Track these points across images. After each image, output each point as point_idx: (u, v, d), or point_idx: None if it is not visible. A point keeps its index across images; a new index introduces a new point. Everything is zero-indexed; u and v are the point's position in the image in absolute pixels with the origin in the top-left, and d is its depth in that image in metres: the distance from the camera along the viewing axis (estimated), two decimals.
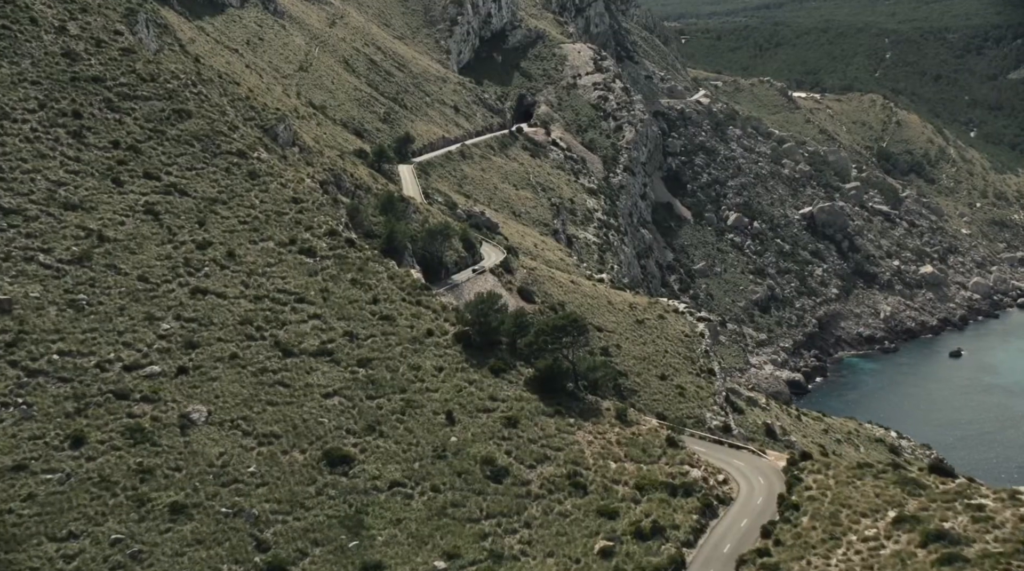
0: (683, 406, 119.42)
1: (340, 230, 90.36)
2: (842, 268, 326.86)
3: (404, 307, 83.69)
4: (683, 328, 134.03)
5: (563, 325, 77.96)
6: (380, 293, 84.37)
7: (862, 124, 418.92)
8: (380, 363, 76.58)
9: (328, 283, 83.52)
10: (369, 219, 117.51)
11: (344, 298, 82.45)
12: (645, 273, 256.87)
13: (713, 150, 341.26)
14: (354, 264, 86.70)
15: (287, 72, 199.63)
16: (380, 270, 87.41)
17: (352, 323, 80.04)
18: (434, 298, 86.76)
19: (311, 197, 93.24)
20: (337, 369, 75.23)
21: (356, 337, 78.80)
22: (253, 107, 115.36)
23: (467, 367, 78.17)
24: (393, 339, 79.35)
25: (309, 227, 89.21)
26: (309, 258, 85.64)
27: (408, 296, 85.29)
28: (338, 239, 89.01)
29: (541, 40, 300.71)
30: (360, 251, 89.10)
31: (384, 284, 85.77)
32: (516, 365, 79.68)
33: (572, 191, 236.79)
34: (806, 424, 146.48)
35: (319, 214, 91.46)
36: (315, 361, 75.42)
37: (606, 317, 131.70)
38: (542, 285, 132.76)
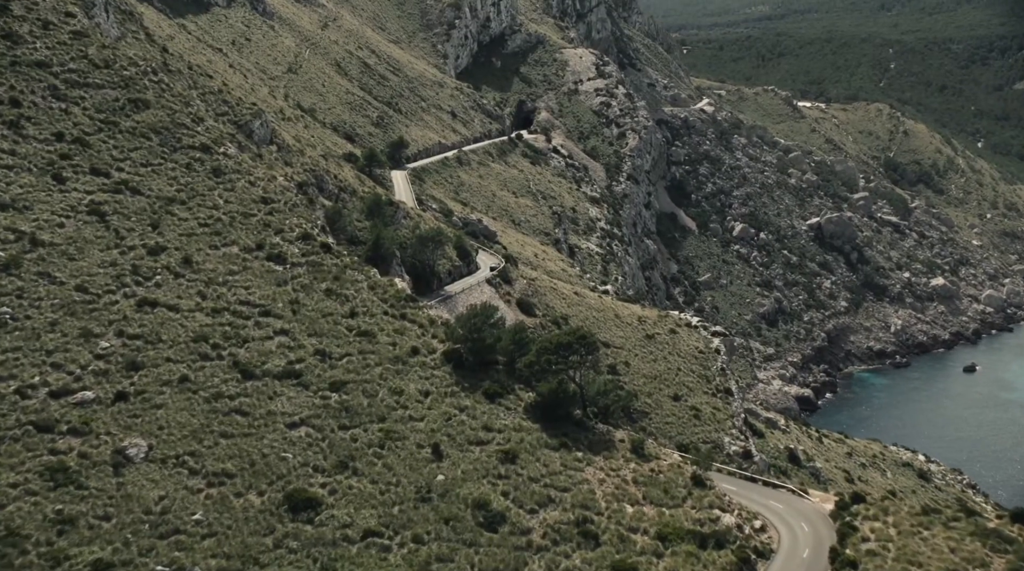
0: (698, 430, 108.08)
1: (315, 234, 79.09)
2: (851, 280, 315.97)
3: (386, 321, 72.38)
4: (697, 344, 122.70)
5: (569, 342, 66.53)
6: (359, 305, 73.09)
7: (868, 134, 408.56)
8: (356, 387, 65.19)
9: (299, 294, 72.26)
10: (353, 224, 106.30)
11: (317, 311, 71.15)
12: (650, 285, 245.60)
13: (718, 159, 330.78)
14: (330, 272, 75.44)
15: (275, 74, 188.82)
16: (359, 279, 76.12)
17: (325, 340, 68.72)
18: (421, 311, 75.40)
19: (283, 197, 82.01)
20: (305, 394, 63.85)
21: (329, 356, 67.44)
22: (226, 102, 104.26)
23: (457, 391, 66.83)
24: (372, 358, 68.00)
25: (280, 230, 78.00)
26: (278, 265, 74.44)
27: (391, 309, 74.00)
28: (312, 244, 77.74)
29: (541, 45, 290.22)
30: (337, 258, 77.82)
31: (364, 295, 74.49)
32: (514, 389, 68.33)
33: (574, 200, 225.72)
34: (828, 447, 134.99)
35: (292, 216, 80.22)
36: (280, 384, 64.03)
37: (613, 332, 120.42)
38: (543, 297, 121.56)
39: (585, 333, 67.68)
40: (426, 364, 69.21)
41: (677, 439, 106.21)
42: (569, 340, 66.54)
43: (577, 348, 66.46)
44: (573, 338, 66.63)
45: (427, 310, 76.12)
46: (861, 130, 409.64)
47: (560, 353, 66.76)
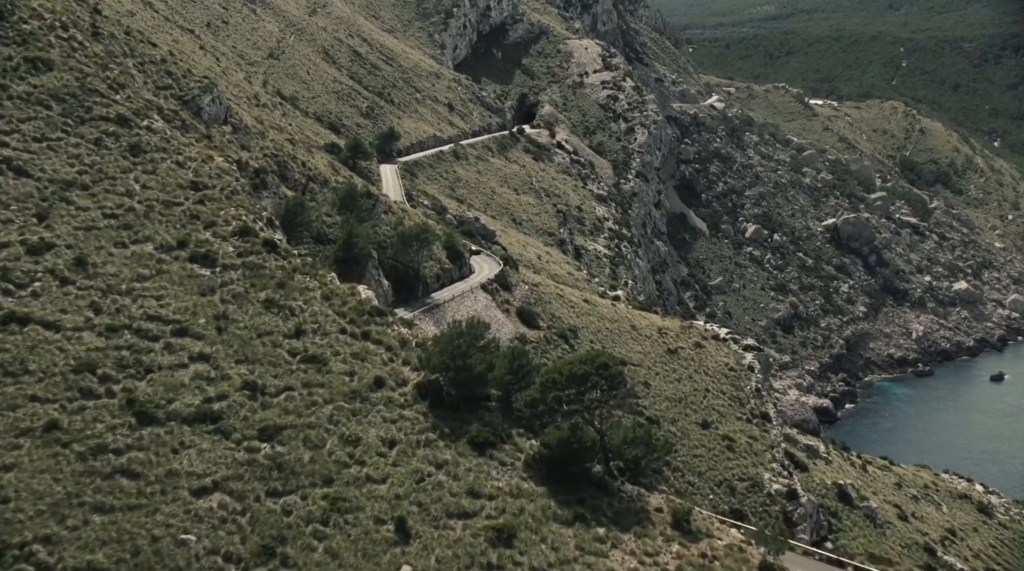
0: (733, 464, 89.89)
1: (258, 229, 60.85)
2: (869, 284, 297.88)
3: (342, 343, 54.15)
4: (726, 359, 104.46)
5: (586, 373, 48.39)
6: (307, 321, 54.86)
7: (883, 132, 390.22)
8: (295, 434, 47.03)
9: (228, 306, 54.06)
10: (322, 219, 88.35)
11: (251, 329, 52.96)
12: (660, 289, 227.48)
13: (729, 157, 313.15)
14: (272, 277, 57.18)
15: (253, 59, 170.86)
16: (311, 287, 57.83)
17: (258, 369, 50.56)
18: (390, 328, 57.06)
19: (220, 182, 63.83)
20: (224, 445, 45.68)
21: (262, 391, 49.25)
22: (170, 73, 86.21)
23: (434, 439, 48.61)
24: (320, 394, 49.82)
25: (211, 224, 59.81)
26: (204, 269, 56.22)
27: (351, 325, 55.75)
28: (253, 241, 59.47)
29: (545, 36, 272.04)
30: (285, 259, 59.56)
31: (315, 307, 56.24)
32: (511, 436, 50.10)
33: (580, 198, 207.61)
34: (874, 476, 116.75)
35: (229, 206, 62.03)
36: (190, 432, 45.87)
37: (630, 346, 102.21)
38: (548, 305, 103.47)
39: (607, 359, 49.24)
40: (393, 401, 50.97)
41: (708, 476, 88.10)
42: (586, 370, 48.25)
43: (597, 381, 48.25)
44: (591, 367, 48.29)
45: (398, 327, 57.76)
46: (875, 128, 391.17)
47: (574, 388, 48.54)
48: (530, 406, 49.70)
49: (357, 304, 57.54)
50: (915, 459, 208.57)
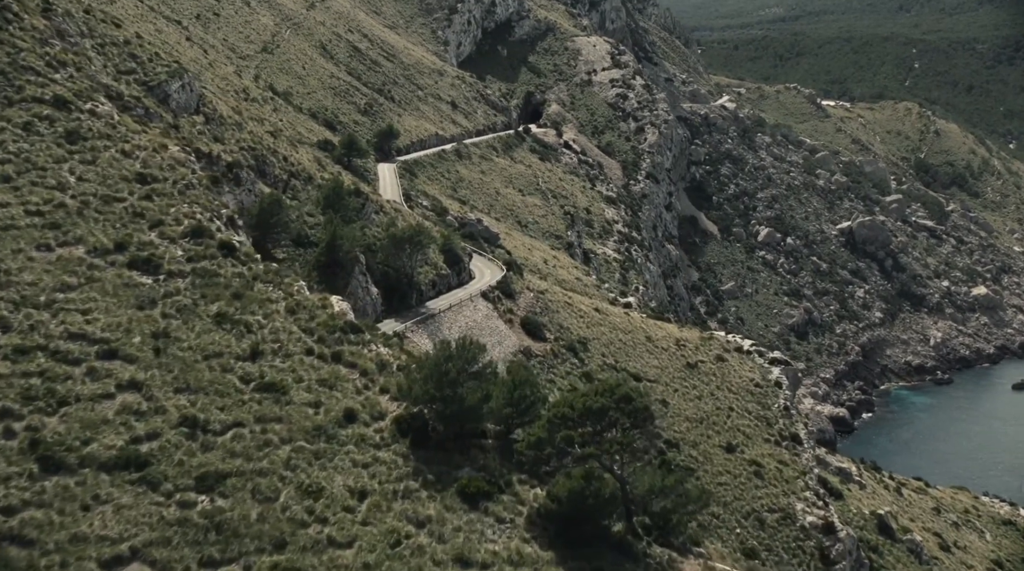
0: (762, 493, 80.00)
1: (214, 229, 51.21)
2: (886, 289, 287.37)
3: (308, 366, 44.46)
4: (751, 374, 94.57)
5: (603, 408, 38.63)
6: (267, 339, 45.19)
7: (897, 134, 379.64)
8: (242, 483, 37.41)
9: (171, 322, 44.40)
10: (304, 219, 78.85)
11: (196, 349, 43.30)
12: (672, 295, 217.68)
13: (740, 159, 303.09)
14: (228, 286, 47.53)
15: (246, 53, 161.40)
16: (274, 297, 48.17)
17: (201, 400, 40.90)
18: (367, 348, 47.32)
19: (173, 174, 54.20)
20: (150, 500, 36.03)
21: (204, 428, 39.55)
22: (134, 56, 76.81)
23: (416, 489, 38.94)
24: (276, 432, 40.15)
25: (157, 223, 50.18)
26: (145, 276, 46.56)
27: (320, 344, 46.11)
28: (206, 244, 49.80)
29: (552, 32, 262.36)
30: (244, 264, 49.90)
31: (278, 322, 46.56)
32: (512, 483, 40.46)
33: (588, 199, 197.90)
34: (909, 500, 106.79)
35: (181, 202, 52.37)
36: (108, 482, 36.25)
37: (645, 360, 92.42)
38: (555, 314, 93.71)
39: (630, 390, 39.48)
40: (366, 440, 41.23)
41: (734, 506, 78.25)
42: (604, 404, 38.53)
43: (617, 417, 38.54)
44: (610, 400, 38.58)
45: (376, 346, 47.99)
46: (889, 130, 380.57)
47: (589, 425, 38.83)
48: (535, 447, 39.86)
49: (328, 319, 47.80)
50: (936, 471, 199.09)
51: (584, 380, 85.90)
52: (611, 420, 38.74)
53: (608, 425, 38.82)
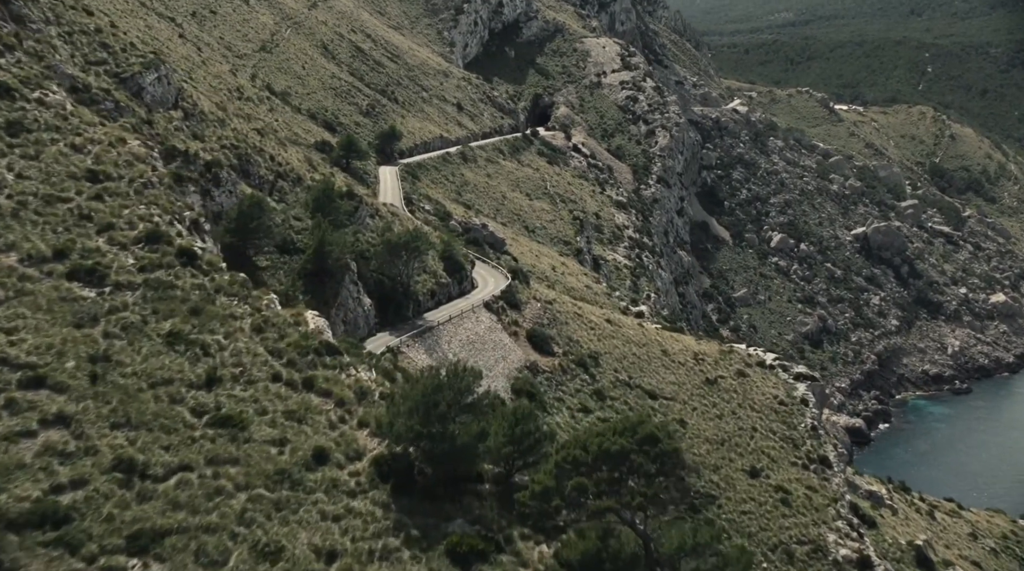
0: (790, 523, 72.85)
1: (174, 234, 44.38)
2: (902, 296, 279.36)
3: (274, 395, 37.65)
4: (775, 390, 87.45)
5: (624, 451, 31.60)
6: (227, 363, 38.38)
7: (911, 138, 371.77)
8: (184, 543, 30.53)
9: (114, 343, 37.60)
10: (289, 223, 72.05)
11: (142, 376, 36.50)
12: (684, 302, 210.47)
13: (753, 163, 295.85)
14: (185, 300, 40.73)
15: (243, 52, 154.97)
16: (239, 313, 41.35)
17: (143, 437, 34.08)
18: (345, 372, 40.42)
19: (130, 172, 47.44)
20: (66, 567, 29.25)
21: (143, 473, 32.69)
22: (106, 46, 70.16)
23: (396, 547, 32.09)
24: (231, 476, 33.33)
25: (107, 227, 43.39)
26: (88, 289, 39.81)
27: (289, 368, 39.29)
28: (163, 251, 42.99)
29: (560, 34, 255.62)
30: (206, 274, 43.06)
31: (241, 343, 39.72)
32: (513, 538, 33.56)
33: (597, 204, 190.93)
34: (943, 524, 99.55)
35: (137, 203, 45.58)
36: (17, 544, 29.43)
37: (661, 376, 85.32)
38: (564, 327, 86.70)
39: (655, 429, 32.45)
40: (339, 485, 34.36)
41: (760, 538, 71.12)
42: (623, 445, 31.54)
43: (640, 462, 31.56)
44: (631, 441, 31.66)
45: (356, 371, 41.07)
46: (903, 134, 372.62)
47: (606, 471, 31.90)
48: (541, 498, 32.87)
49: (300, 338, 40.89)
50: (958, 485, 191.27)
51: (595, 398, 79.00)
52: (632, 465, 31.72)
53: (629, 471, 31.79)
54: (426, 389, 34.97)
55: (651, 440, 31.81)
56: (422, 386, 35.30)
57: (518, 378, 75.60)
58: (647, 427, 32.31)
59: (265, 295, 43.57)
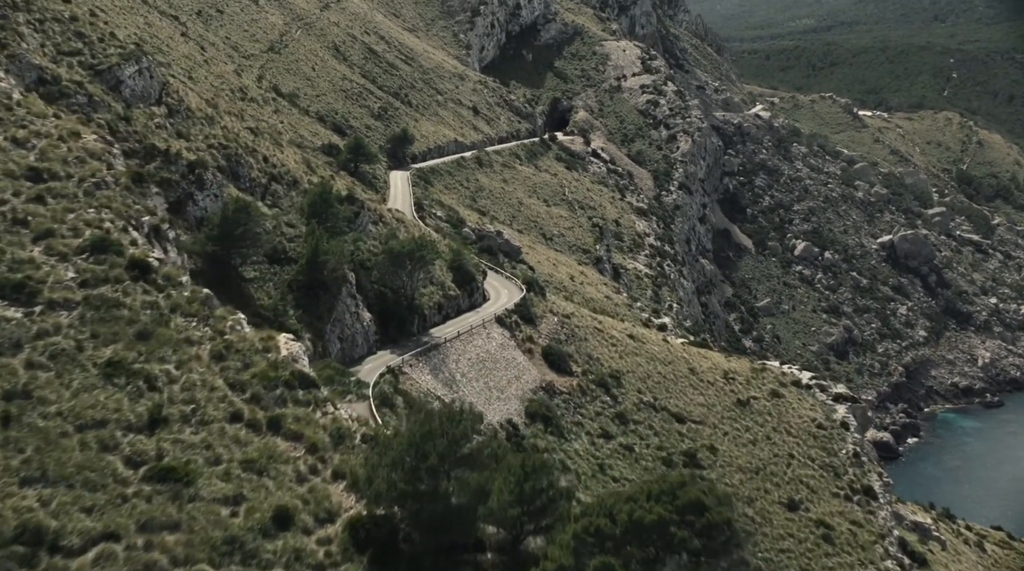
0: (833, 562, 65.39)
1: (125, 243, 37.59)
2: (930, 306, 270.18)
3: (231, 439, 30.75)
4: (812, 413, 79.99)
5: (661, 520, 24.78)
6: (177, 399, 31.54)
7: (937, 144, 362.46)
8: None
9: (36, 376, 30.82)
10: (281, 230, 65.29)
11: (68, 417, 29.69)
12: (707, 313, 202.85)
13: (776, 170, 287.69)
14: (132, 322, 33.93)
15: (250, 52, 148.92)
16: (196, 337, 34.51)
17: (60, 495, 27.27)
18: (320, 411, 33.43)
19: (80, 170, 40.74)
20: None
21: (55, 545, 25.90)
22: (81, 35, 63.72)
23: None
24: (168, 547, 26.47)
25: (45, 234, 36.60)
26: (12, 309, 32.97)
27: (252, 405, 32.42)
28: (111, 262, 36.25)
29: (579, 36, 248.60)
30: (161, 291, 36.25)
31: (195, 374, 32.86)
32: None
33: (617, 211, 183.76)
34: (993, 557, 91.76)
35: (84, 206, 38.85)
36: None
37: (689, 397, 78.05)
38: (583, 343, 79.56)
39: (701, 495, 25.43)
40: (304, 557, 27.37)
41: None
42: (661, 514, 24.53)
43: (683, 537, 24.56)
44: (671, 510, 24.62)
45: (335, 408, 34.09)
46: (929, 141, 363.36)
47: (637, 545, 24.90)
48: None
49: (268, 368, 33.97)
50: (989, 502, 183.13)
51: (617, 422, 71.79)
52: (672, 541, 24.57)
53: (667, 549, 24.65)
54: (413, 436, 27.95)
55: (696, 508, 24.71)
56: (409, 432, 28.25)
57: (533, 400, 68.59)
58: (690, 491, 25.21)
59: (231, 315, 36.65)
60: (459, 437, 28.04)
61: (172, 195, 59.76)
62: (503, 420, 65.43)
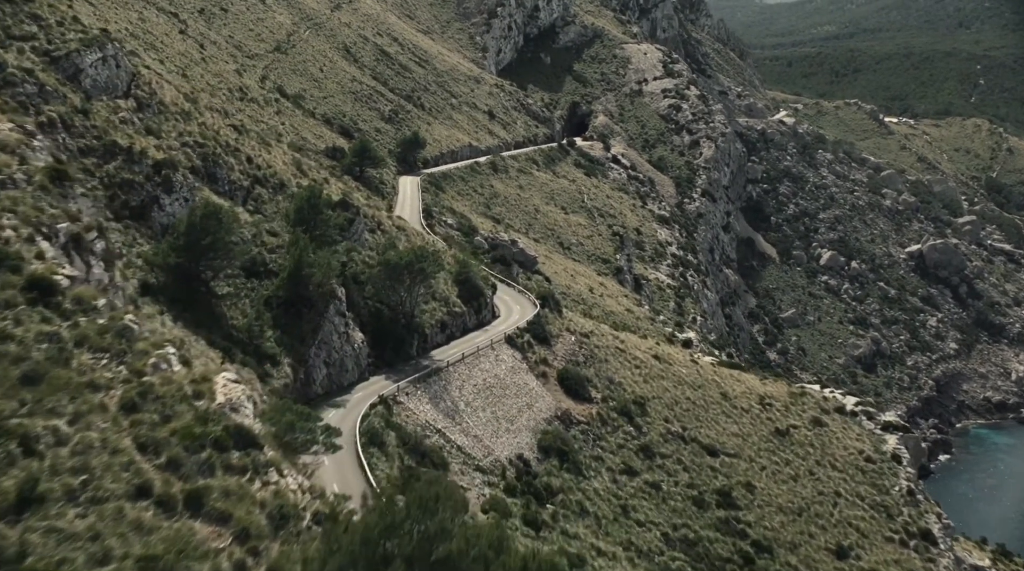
0: None
1: (28, 257, 29.54)
2: (961, 318, 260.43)
3: (131, 525, 22.78)
4: (859, 444, 71.19)
5: None
6: (62, 467, 23.44)
7: (966, 152, 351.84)
8: None
9: None
10: (263, 239, 57.27)
11: None
12: (731, 325, 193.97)
13: (800, 177, 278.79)
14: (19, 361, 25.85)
15: (254, 51, 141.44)
16: (102, 381, 26.49)
17: None
18: (259, 479, 25.33)
19: None
20: None
21: None
22: (37, 17, 55.99)
23: None
24: None
25: None
26: None
27: (169, 473, 24.39)
28: (5, 282, 28.29)
29: (599, 39, 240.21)
30: (67, 319, 28.24)
31: (93, 432, 24.76)
32: None
33: (638, 218, 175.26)
34: None
35: None
36: None
37: (722, 426, 69.43)
38: (603, 365, 71.10)
39: None
40: None
41: None
42: None
43: None
44: None
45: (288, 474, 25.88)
46: (957, 148, 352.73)
47: None
48: None
49: (194, 422, 25.77)
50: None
51: (642, 455, 63.30)
52: None
53: None
54: (369, 531, 19.64)
55: None
56: (363, 526, 19.95)
57: (547, 432, 60.22)
58: None
59: (156, 349, 28.47)
60: (433, 535, 19.75)
61: (135, 199, 51.99)
62: (512, 455, 57.16)
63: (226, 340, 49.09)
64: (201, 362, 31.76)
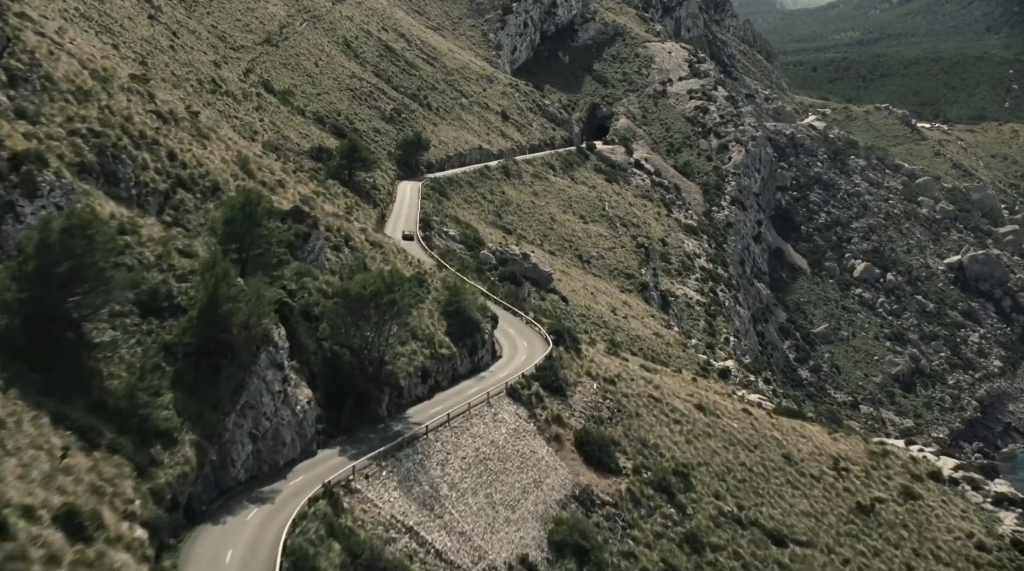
0: None
1: None
2: (1004, 333, 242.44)
3: None
4: (965, 523, 54.54)
5: None
6: None
7: (1003, 158, 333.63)
8: None
9: None
10: (171, 262, 41.35)
11: None
12: (763, 343, 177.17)
13: (832, 184, 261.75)
14: None
15: (240, 43, 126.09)
16: None
17: None
18: None
19: None
20: None
21: None
22: None
23: None
24: None
25: None
26: None
27: None
28: None
29: (621, 37, 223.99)
30: None
31: None
32: None
33: (664, 228, 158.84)
34: None
35: None
36: None
37: (787, 500, 52.85)
38: (633, 421, 54.73)
39: None
40: None
41: None
42: None
43: None
44: None
45: None
46: (994, 154, 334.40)
47: None
48: None
49: None
50: None
51: (686, 548, 46.89)
52: None
53: None
54: None
55: None
56: None
57: (561, 521, 44.04)
58: None
59: None
60: None
61: None
62: (513, 558, 41.07)
63: (92, 413, 33.32)
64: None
